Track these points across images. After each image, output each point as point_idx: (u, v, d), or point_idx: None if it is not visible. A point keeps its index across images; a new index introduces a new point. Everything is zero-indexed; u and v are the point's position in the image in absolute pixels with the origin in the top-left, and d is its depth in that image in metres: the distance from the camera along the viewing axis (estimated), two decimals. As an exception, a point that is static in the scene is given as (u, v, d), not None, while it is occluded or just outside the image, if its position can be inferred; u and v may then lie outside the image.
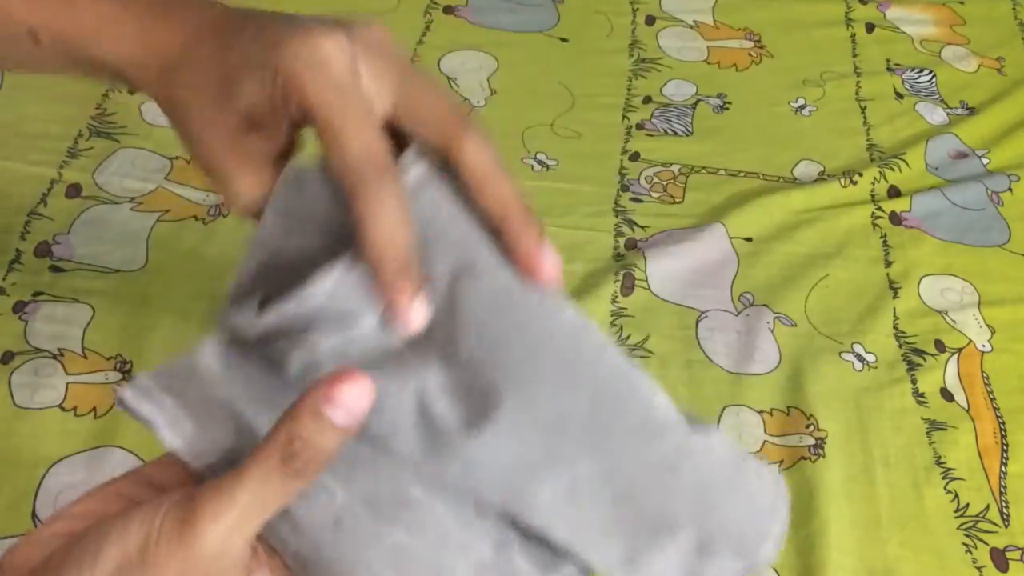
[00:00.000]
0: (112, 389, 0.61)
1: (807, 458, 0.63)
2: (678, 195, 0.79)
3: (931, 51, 0.95)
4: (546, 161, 0.80)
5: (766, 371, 0.68)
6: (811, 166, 0.83)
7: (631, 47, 0.92)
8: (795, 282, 0.73)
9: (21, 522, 0.55)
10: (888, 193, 0.81)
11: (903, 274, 0.75)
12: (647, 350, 0.68)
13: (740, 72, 0.91)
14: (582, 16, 0.94)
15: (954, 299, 0.74)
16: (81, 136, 0.76)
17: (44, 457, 0.57)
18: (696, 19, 0.96)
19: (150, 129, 0.78)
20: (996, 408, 0.67)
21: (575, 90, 0.87)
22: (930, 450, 0.65)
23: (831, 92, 0.90)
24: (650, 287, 0.71)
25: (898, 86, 0.91)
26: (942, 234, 0.78)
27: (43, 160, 0.74)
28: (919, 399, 0.67)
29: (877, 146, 0.85)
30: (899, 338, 0.71)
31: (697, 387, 0.66)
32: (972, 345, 0.71)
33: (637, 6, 0.96)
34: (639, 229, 0.76)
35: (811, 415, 0.65)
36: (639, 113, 0.85)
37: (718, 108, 0.87)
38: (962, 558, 0.60)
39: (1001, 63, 0.95)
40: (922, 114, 0.88)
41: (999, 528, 0.62)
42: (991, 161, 0.85)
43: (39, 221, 0.70)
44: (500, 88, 0.86)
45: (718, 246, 0.75)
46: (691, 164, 0.82)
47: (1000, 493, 0.63)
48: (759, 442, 0.64)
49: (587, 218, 0.76)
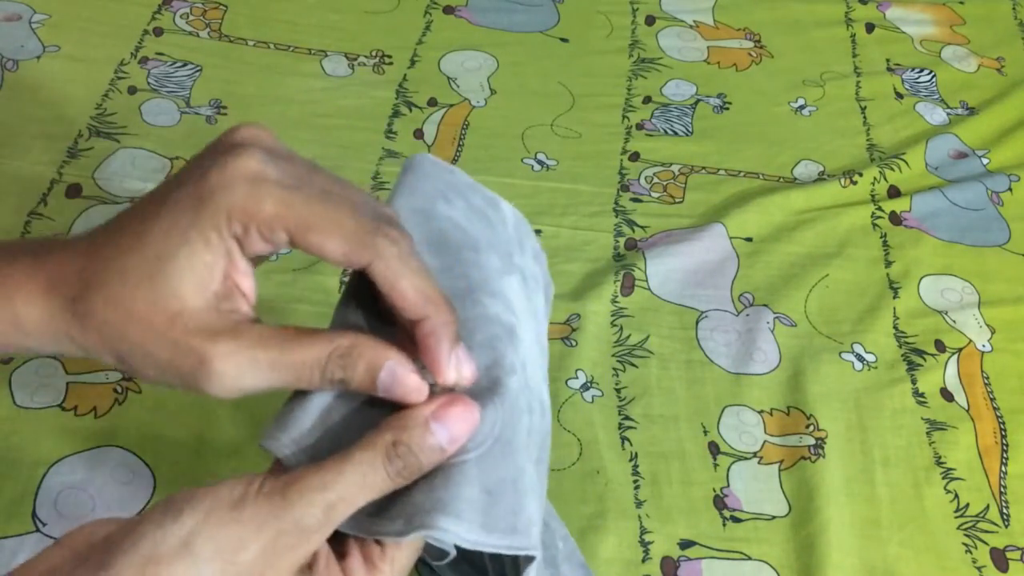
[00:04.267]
0: (112, 388, 0.61)
1: (807, 458, 0.63)
2: (678, 195, 0.79)
3: (931, 51, 0.95)
4: (546, 161, 0.80)
5: (766, 371, 0.68)
6: (811, 166, 0.83)
7: (631, 47, 0.92)
8: (795, 282, 0.73)
9: (21, 522, 0.55)
10: (888, 193, 0.81)
11: (903, 274, 0.75)
12: (647, 350, 0.68)
13: (740, 72, 0.91)
14: (582, 16, 0.94)
15: (954, 299, 0.74)
16: (81, 136, 0.76)
17: (44, 457, 0.57)
18: (696, 19, 0.96)
19: (150, 129, 0.78)
20: (996, 408, 0.67)
21: (575, 90, 0.87)
22: (930, 450, 0.65)
23: (831, 92, 0.90)
24: (650, 287, 0.71)
25: (898, 86, 0.91)
26: (942, 234, 0.78)
27: (43, 160, 0.74)
28: (919, 399, 0.67)
29: (877, 146, 0.85)
30: (899, 338, 0.71)
31: (697, 387, 0.66)
32: (972, 345, 0.71)
33: (637, 6, 0.96)
34: (639, 229, 0.76)
35: (811, 415, 0.65)
36: (639, 113, 0.85)
37: (718, 108, 0.87)
38: (962, 558, 0.60)
39: (1001, 63, 0.95)
40: (922, 114, 0.88)
41: (999, 528, 0.62)
42: (991, 161, 0.85)
43: (39, 221, 0.70)
44: (500, 88, 0.86)
45: (718, 246, 0.75)
46: (691, 164, 0.82)
47: (1000, 493, 0.63)
48: (759, 442, 0.64)
49: (587, 218, 0.76)
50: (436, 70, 0.87)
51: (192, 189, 0.35)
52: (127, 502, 0.56)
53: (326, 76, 0.85)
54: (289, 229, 0.35)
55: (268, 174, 0.35)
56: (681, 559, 0.58)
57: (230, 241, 0.35)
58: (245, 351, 0.35)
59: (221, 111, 0.80)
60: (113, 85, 0.80)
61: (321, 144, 0.78)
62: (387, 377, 0.36)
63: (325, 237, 0.35)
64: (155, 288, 0.35)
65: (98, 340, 0.36)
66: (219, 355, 0.35)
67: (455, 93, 0.85)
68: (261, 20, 0.89)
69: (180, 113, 0.79)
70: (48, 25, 0.84)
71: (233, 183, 0.35)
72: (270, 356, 0.35)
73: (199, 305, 0.35)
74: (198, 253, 0.35)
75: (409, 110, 0.83)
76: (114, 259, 0.36)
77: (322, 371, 0.36)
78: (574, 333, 0.68)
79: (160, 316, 0.35)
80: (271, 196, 0.35)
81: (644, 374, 0.67)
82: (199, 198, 0.35)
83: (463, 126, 0.82)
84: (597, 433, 0.63)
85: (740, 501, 0.61)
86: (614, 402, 0.65)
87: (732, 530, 0.59)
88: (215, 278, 0.35)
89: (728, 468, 0.62)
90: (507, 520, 0.37)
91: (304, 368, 0.36)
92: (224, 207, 0.35)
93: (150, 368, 0.36)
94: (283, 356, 0.35)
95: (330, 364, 0.36)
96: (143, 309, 0.35)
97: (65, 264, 0.37)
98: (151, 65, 0.83)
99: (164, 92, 0.81)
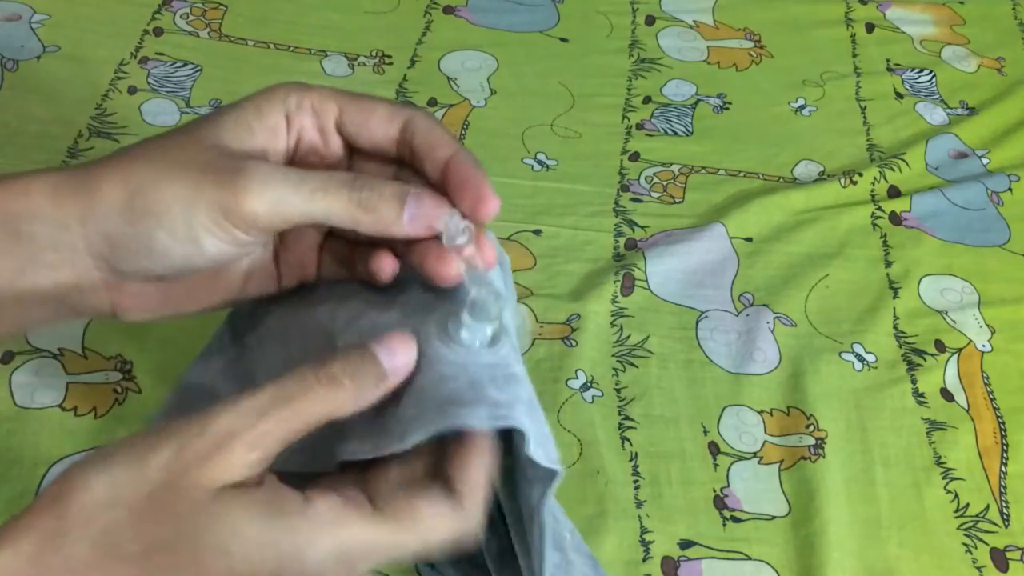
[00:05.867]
0: (112, 388, 0.61)
1: (807, 458, 0.63)
2: (678, 195, 0.79)
3: (931, 51, 0.95)
4: (546, 161, 0.80)
5: (766, 371, 0.68)
6: (811, 166, 0.83)
7: (631, 47, 0.92)
8: (795, 282, 0.73)
9: (21, 522, 0.55)
10: (888, 193, 0.81)
11: (903, 274, 0.75)
12: (647, 350, 0.68)
13: (740, 72, 0.91)
14: (582, 16, 0.94)
15: (954, 299, 0.74)
16: (81, 136, 0.76)
17: (44, 457, 0.57)
18: (696, 19, 0.96)
19: (150, 129, 0.78)
20: (996, 408, 0.67)
21: (575, 90, 0.87)
22: (930, 450, 0.65)
23: (831, 92, 0.90)
24: (650, 287, 0.71)
25: (898, 86, 0.91)
26: (942, 234, 0.78)
27: (43, 160, 0.74)
28: (919, 399, 0.67)
29: (877, 146, 0.85)
30: (899, 338, 0.71)
31: (697, 387, 0.66)
32: (972, 345, 0.71)
33: (637, 6, 0.96)
34: (639, 229, 0.76)
35: (811, 415, 0.65)
36: (639, 113, 0.85)
37: (718, 108, 0.87)
38: (962, 558, 0.60)
39: (1001, 63, 0.95)
40: (922, 114, 0.88)
41: (999, 528, 0.62)
42: (991, 161, 0.85)
43: (39, 221, 0.70)
44: (500, 88, 0.86)
45: (718, 246, 0.75)
46: (691, 164, 0.82)
47: (1000, 493, 0.63)
48: (759, 442, 0.64)
49: (587, 218, 0.76)
50: (436, 70, 0.87)
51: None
52: (127, 502, 0.56)
53: (326, 76, 0.85)
54: (341, 102, 0.39)
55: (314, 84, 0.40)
56: (681, 559, 0.58)
57: (279, 115, 0.38)
58: (276, 168, 0.36)
59: (221, 111, 0.80)
60: (113, 85, 0.80)
61: (321, 144, 0.78)
62: (414, 201, 0.37)
63: (373, 104, 0.39)
64: (197, 131, 0.37)
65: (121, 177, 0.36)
66: (252, 164, 0.36)
67: (455, 93, 0.85)
68: (261, 20, 0.89)
69: (180, 113, 0.79)
70: (48, 25, 0.84)
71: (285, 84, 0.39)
72: (300, 173, 0.37)
73: (235, 148, 0.37)
74: (247, 115, 0.38)
75: (409, 110, 0.83)
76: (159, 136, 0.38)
77: (350, 187, 0.37)
78: (574, 333, 0.68)
79: (197, 143, 0.37)
80: (322, 86, 0.39)
81: (644, 374, 0.67)
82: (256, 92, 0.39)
83: (463, 126, 0.82)
84: (597, 433, 0.63)
85: (740, 501, 0.61)
86: (614, 402, 0.65)
87: (732, 530, 0.59)
88: (255, 139, 0.37)
89: (728, 468, 0.62)
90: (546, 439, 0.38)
91: (332, 181, 0.37)
92: (283, 87, 0.39)
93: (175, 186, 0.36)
94: (313, 173, 0.37)
95: (359, 180, 0.37)
96: (182, 138, 0.37)
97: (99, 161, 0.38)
98: (151, 65, 0.83)
99: (164, 92, 0.81)
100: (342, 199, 0.36)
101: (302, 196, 0.36)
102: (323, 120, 0.39)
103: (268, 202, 0.36)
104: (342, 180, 0.37)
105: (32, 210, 0.37)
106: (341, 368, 0.36)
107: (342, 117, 0.39)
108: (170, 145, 0.37)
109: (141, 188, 0.36)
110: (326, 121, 0.39)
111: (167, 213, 0.36)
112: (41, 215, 0.37)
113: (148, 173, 0.36)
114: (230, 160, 0.36)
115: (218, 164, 0.36)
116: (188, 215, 0.36)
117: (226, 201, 0.35)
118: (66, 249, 0.37)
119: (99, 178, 0.37)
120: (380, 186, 0.37)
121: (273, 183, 0.36)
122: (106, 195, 0.36)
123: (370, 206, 0.36)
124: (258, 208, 0.35)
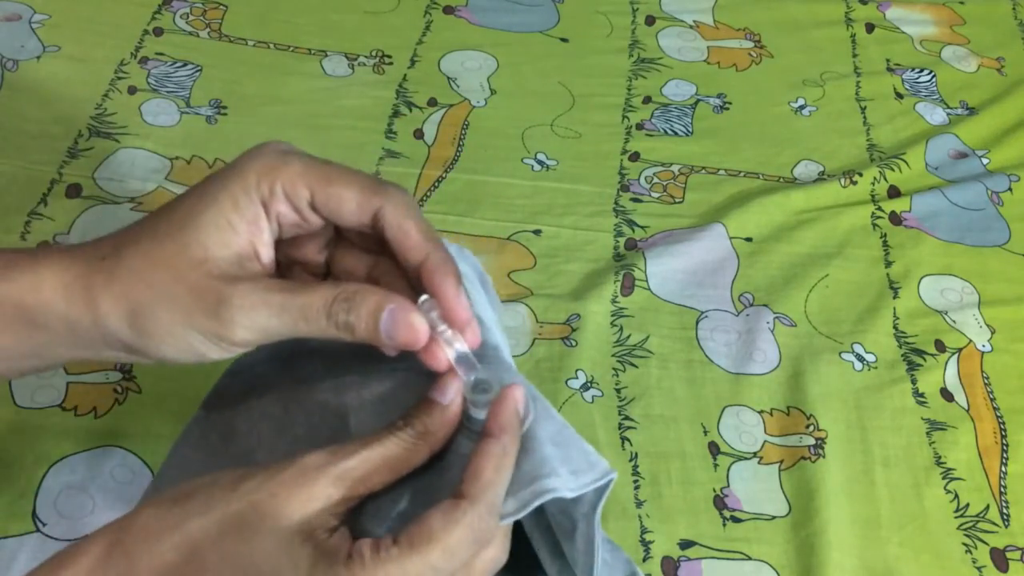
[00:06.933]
0: (112, 389, 0.61)
1: (807, 458, 0.63)
2: (678, 195, 0.79)
3: (931, 51, 0.95)
4: (546, 161, 0.80)
5: (766, 371, 0.68)
6: (811, 166, 0.83)
7: (631, 47, 0.92)
8: (795, 282, 0.73)
9: (21, 522, 0.55)
10: (888, 193, 0.81)
11: (903, 274, 0.75)
12: (647, 350, 0.68)
13: (740, 72, 0.91)
14: (582, 16, 0.94)
15: (954, 299, 0.74)
16: (81, 136, 0.76)
17: (44, 457, 0.57)
18: (696, 19, 0.96)
19: (150, 129, 0.78)
20: (996, 408, 0.67)
21: (575, 90, 0.87)
22: (930, 450, 0.65)
23: (831, 92, 0.90)
24: (650, 287, 0.71)
25: (898, 86, 0.91)
26: (942, 234, 0.78)
27: (43, 160, 0.74)
28: (919, 399, 0.67)
29: (877, 146, 0.85)
30: (899, 338, 0.71)
31: (697, 387, 0.66)
32: (972, 345, 0.71)
33: (637, 6, 0.96)
34: (639, 229, 0.76)
35: (811, 415, 0.65)
36: (639, 113, 0.85)
37: (718, 108, 0.87)
38: (962, 558, 0.60)
39: (1001, 63, 0.95)
40: (922, 114, 0.88)
41: (999, 528, 0.62)
42: (991, 161, 0.85)
43: (39, 221, 0.70)
44: (500, 88, 0.86)
45: (718, 246, 0.75)
46: (691, 164, 0.82)
47: (1000, 493, 0.63)
48: (759, 442, 0.64)
49: (587, 218, 0.76)
50: (436, 70, 0.87)
51: (222, 170, 0.40)
52: (127, 502, 0.56)
53: (326, 76, 0.85)
54: (311, 185, 0.39)
55: (291, 150, 0.41)
56: (681, 559, 0.58)
57: (256, 205, 0.40)
58: (260, 292, 0.39)
59: (221, 111, 0.80)
60: (113, 85, 0.80)
61: (321, 144, 0.78)
62: (389, 318, 0.39)
63: (343, 187, 0.40)
64: (183, 238, 0.39)
65: (119, 292, 0.39)
66: (237, 293, 0.38)
67: (455, 93, 0.85)
68: (261, 20, 0.89)
69: (180, 113, 0.79)
70: (48, 25, 0.84)
71: (261, 155, 0.40)
72: (282, 297, 0.39)
73: (222, 256, 0.39)
74: (225, 211, 0.39)
75: (409, 110, 0.83)
76: (147, 222, 0.40)
77: (328, 312, 0.39)
78: (574, 333, 0.68)
79: (185, 261, 0.39)
80: (295, 160, 0.40)
81: (644, 374, 0.67)
82: (229, 170, 0.40)
83: (463, 126, 0.82)
84: (597, 433, 0.63)
85: (740, 501, 0.61)
86: (614, 402, 0.65)
87: (732, 530, 0.59)
88: (239, 237, 0.39)
89: (728, 468, 0.62)
90: (584, 459, 0.40)
91: (311, 309, 0.39)
92: (253, 170, 0.39)
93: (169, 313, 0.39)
94: (294, 298, 0.39)
95: (335, 306, 0.39)
96: (170, 254, 0.39)
97: (100, 242, 0.41)
98: (151, 65, 0.83)
99: (164, 92, 0.81)
100: (321, 325, 0.39)
101: (284, 323, 0.39)
102: (297, 203, 0.40)
103: (254, 331, 0.39)
104: (320, 307, 0.39)
105: (45, 305, 0.39)
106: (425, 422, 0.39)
107: (314, 200, 0.40)
108: (159, 263, 0.39)
109: (140, 310, 0.39)
110: (299, 204, 0.40)
111: (169, 335, 0.39)
112: (56, 312, 0.39)
113: (143, 294, 0.39)
114: (217, 285, 0.39)
115: (207, 292, 0.38)
116: (186, 336, 0.39)
117: (216, 330, 0.39)
118: (84, 338, 0.40)
119: (99, 294, 0.39)
120: (358, 305, 0.39)
121: (255, 313, 0.38)
122: (108, 313, 0.39)
123: (348, 327, 0.39)
124: (246, 336, 0.39)
